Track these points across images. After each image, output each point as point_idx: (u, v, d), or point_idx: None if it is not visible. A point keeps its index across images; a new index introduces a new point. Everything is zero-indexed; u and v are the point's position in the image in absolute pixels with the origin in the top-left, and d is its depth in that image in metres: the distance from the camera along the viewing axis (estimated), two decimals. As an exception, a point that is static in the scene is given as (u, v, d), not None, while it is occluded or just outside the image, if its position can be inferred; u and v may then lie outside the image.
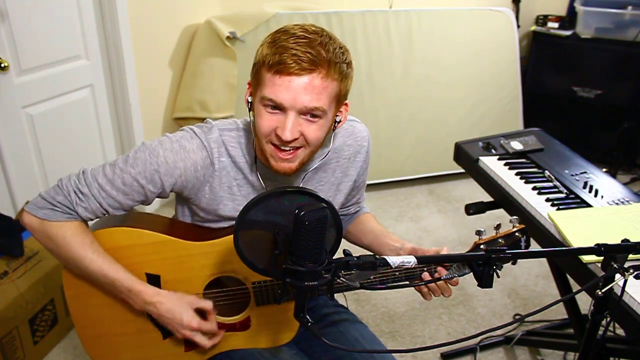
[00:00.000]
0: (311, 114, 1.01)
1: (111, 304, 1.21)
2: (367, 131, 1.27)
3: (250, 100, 1.08)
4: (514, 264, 1.17)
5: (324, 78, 0.99)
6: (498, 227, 1.13)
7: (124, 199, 1.11)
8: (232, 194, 1.17)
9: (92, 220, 1.14)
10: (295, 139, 1.03)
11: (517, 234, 1.15)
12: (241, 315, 1.24)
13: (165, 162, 1.08)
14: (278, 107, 1.01)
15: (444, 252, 1.11)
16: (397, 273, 1.16)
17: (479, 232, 1.11)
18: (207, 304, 1.18)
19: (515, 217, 1.16)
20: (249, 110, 1.09)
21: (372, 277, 1.16)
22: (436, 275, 1.15)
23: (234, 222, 1.19)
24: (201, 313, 1.18)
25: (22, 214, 1.13)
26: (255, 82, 1.04)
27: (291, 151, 1.05)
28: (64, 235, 1.10)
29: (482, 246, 1.12)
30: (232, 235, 1.15)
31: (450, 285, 1.14)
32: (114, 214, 1.14)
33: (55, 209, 1.09)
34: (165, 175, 1.09)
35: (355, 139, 1.24)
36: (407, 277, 1.17)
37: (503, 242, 1.13)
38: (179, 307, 1.14)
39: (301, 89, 0.98)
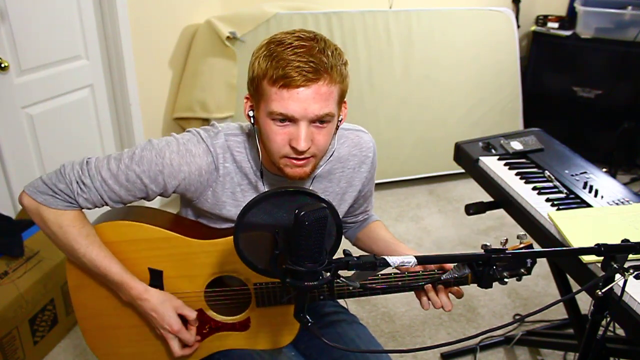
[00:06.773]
0: (320, 120, 1.02)
1: (111, 296, 1.21)
2: (373, 142, 1.28)
3: (252, 115, 1.08)
4: (520, 278, 1.16)
5: (328, 84, 1.00)
6: (505, 242, 1.10)
7: (125, 194, 1.11)
8: (235, 200, 1.17)
9: (90, 209, 1.14)
10: (309, 148, 1.03)
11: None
12: (241, 315, 1.24)
13: (170, 164, 1.09)
14: (288, 119, 1.01)
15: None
16: (400, 283, 1.16)
17: (485, 247, 1.08)
18: (191, 314, 1.19)
19: (523, 233, 1.14)
20: (252, 125, 1.10)
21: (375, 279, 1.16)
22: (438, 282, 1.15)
23: None
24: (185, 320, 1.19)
25: (21, 195, 1.12)
26: (258, 97, 1.04)
27: (304, 160, 1.06)
28: (60, 223, 1.11)
29: None
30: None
31: (451, 299, 1.15)
32: (113, 207, 1.15)
33: (55, 196, 1.09)
34: (168, 177, 1.10)
35: (361, 149, 1.25)
36: (410, 287, 1.17)
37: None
38: (164, 308, 1.15)
39: (310, 98, 0.98)
